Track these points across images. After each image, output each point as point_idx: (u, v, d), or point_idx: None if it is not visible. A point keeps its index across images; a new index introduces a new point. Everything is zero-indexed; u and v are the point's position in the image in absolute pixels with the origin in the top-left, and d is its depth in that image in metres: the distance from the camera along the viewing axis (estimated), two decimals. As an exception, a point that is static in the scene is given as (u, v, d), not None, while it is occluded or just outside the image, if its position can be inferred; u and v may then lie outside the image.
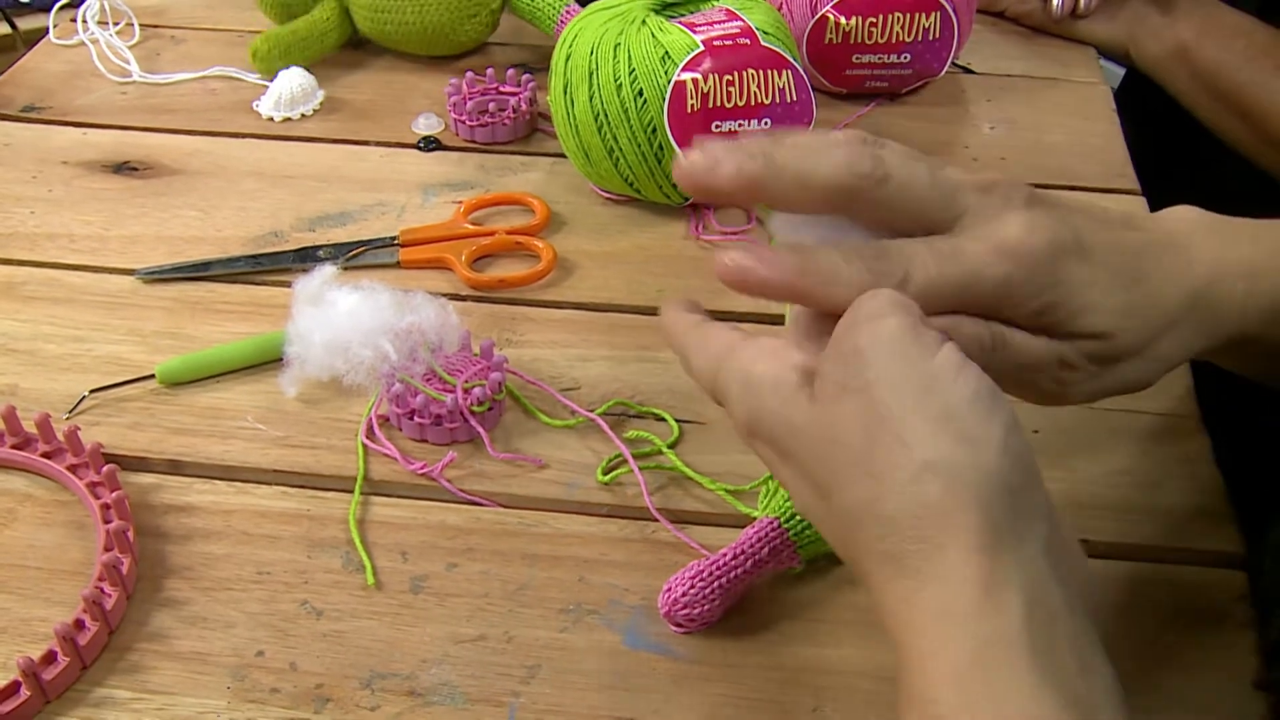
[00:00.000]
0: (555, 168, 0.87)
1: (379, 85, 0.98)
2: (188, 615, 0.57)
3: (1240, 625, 0.57)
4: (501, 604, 0.58)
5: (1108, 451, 0.66)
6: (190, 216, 0.84)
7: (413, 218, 0.83)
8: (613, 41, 0.77)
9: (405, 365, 0.66)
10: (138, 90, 0.98)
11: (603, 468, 0.64)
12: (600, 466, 0.64)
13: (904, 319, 0.41)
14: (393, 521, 0.62)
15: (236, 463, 0.65)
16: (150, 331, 0.74)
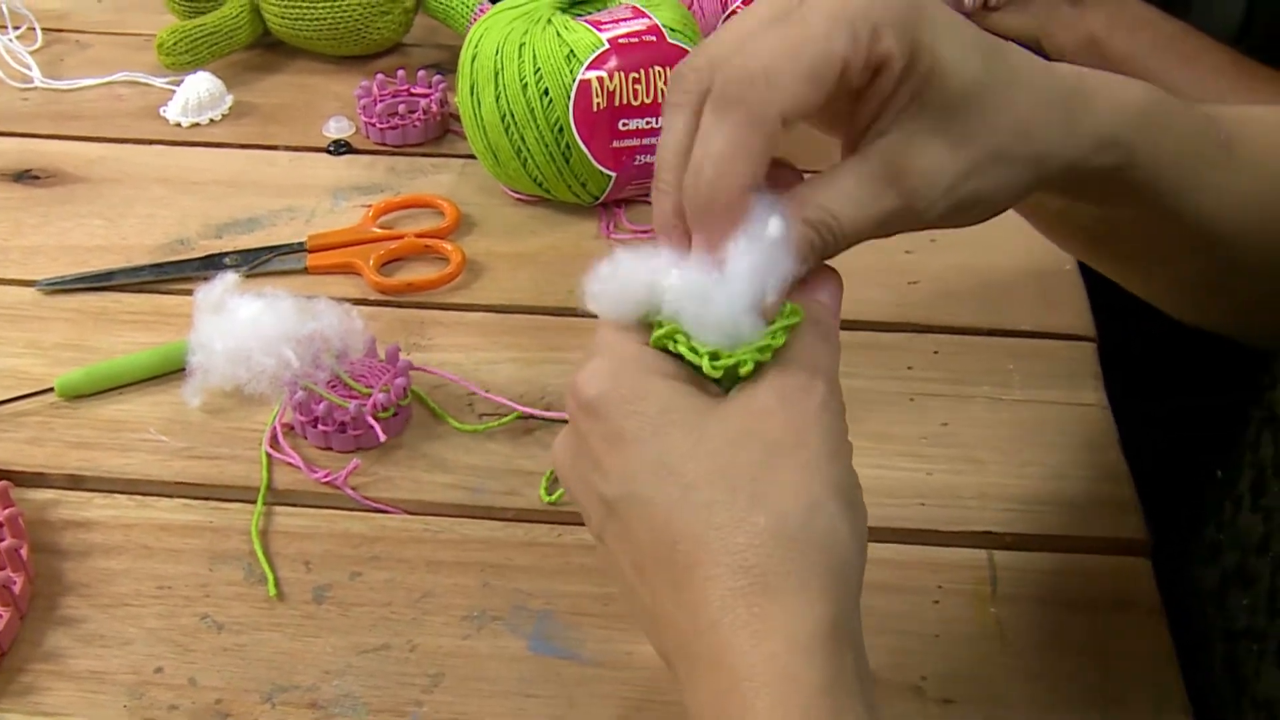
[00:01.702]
0: (466, 169, 0.87)
1: (289, 89, 0.97)
2: (84, 633, 0.56)
3: (1147, 612, 0.58)
4: (405, 612, 0.57)
5: (1015, 442, 0.66)
6: (94, 225, 0.82)
7: (322, 222, 0.82)
8: (518, 41, 0.76)
9: (308, 372, 0.65)
10: (40, 96, 0.96)
11: (545, 486, 0.63)
12: (543, 485, 0.63)
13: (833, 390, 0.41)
14: (296, 531, 0.61)
15: (138, 475, 0.64)
16: (51, 344, 0.72)
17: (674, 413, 0.40)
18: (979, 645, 0.56)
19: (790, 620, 0.37)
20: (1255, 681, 0.50)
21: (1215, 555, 0.56)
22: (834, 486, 0.39)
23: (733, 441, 0.39)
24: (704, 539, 0.38)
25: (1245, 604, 0.52)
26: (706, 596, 0.38)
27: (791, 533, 0.38)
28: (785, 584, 0.37)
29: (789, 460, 0.39)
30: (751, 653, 0.37)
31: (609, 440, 0.40)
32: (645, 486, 0.40)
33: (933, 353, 0.71)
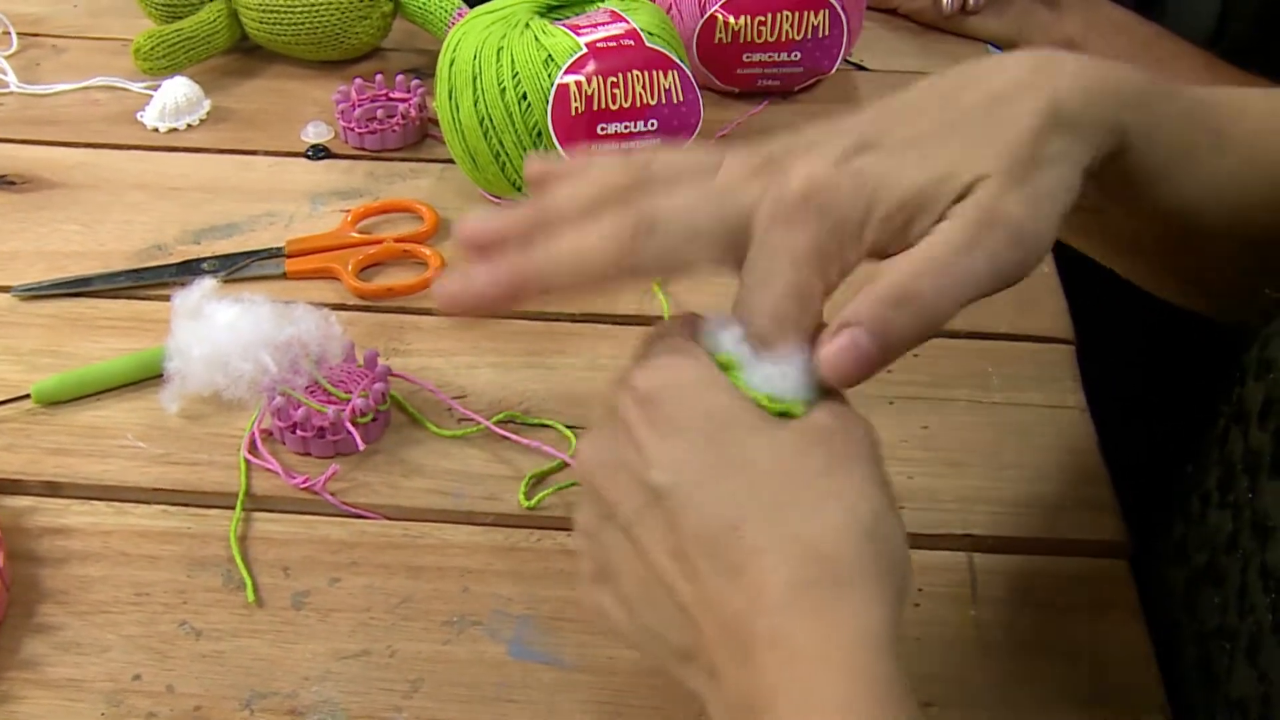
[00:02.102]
0: (445, 174, 0.87)
1: (267, 94, 0.97)
2: (61, 641, 0.56)
3: (1126, 614, 0.58)
4: (384, 618, 0.57)
5: (995, 445, 0.66)
6: (71, 231, 0.82)
7: (301, 227, 0.82)
8: (496, 45, 0.76)
9: (286, 378, 0.65)
10: (16, 101, 0.95)
11: (524, 491, 0.63)
12: (522, 489, 0.63)
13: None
14: (275, 537, 0.61)
15: (115, 482, 0.64)
16: (27, 350, 0.72)
17: (737, 415, 0.40)
18: (958, 648, 0.56)
19: (859, 615, 0.38)
20: (1227, 681, 0.51)
21: (1184, 554, 0.56)
22: (889, 498, 0.40)
23: (797, 449, 0.40)
24: (772, 527, 0.39)
25: (1216, 603, 0.52)
26: (773, 580, 0.38)
27: (863, 530, 0.39)
28: (856, 579, 0.38)
29: (854, 470, 0.40)
30: (824, 640, 0.37)
31: (662, 430, 0.40)
32: (704, 476, 0.40)
33: (913, 356, 0.70)
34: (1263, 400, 0.50)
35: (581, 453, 0.44)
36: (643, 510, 0.41)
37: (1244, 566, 0.50)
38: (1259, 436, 0.50)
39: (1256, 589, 0.49)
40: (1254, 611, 0.49)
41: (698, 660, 0.40)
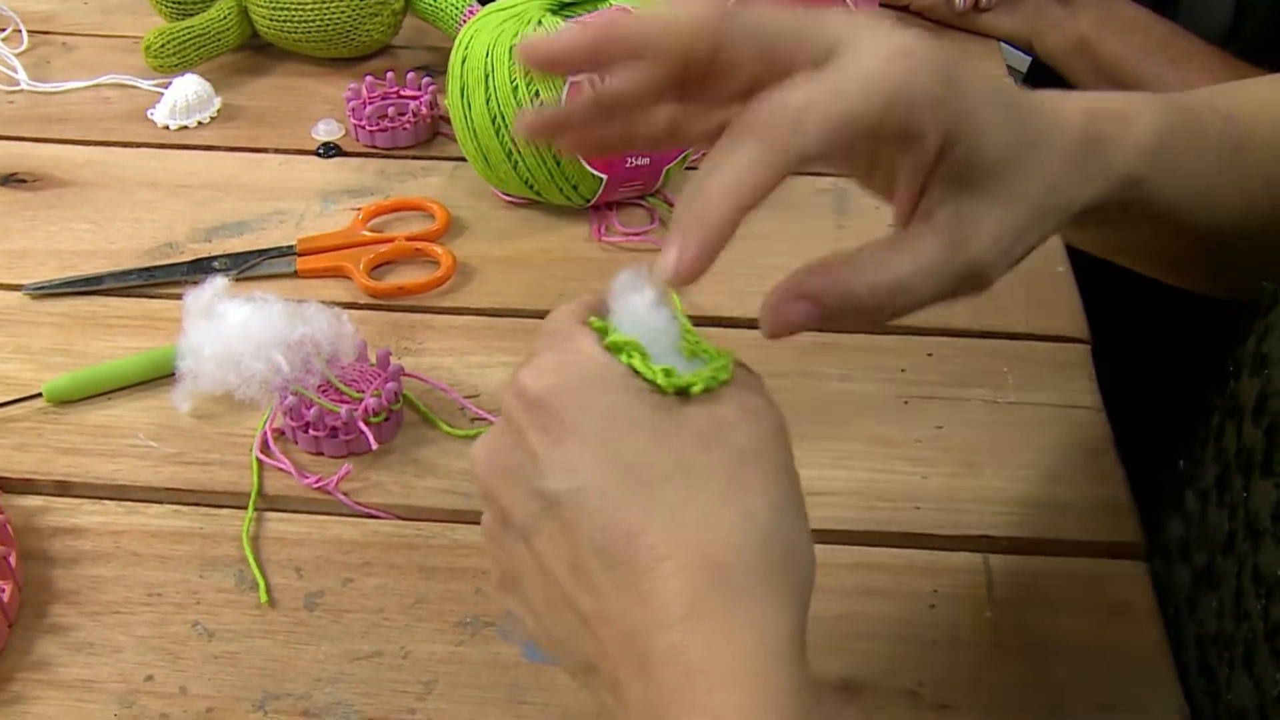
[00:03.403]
0: (456, 172, 0.86)
1: (278, 91, 0.97)
2: (74, 641, 0.56)
3: (1143, 616, 0.57)
4: (397, 618, 0.57)
5: (1011, 446, 0.66)
6: (82, 229, 0.81)
7: (312, 226, 0.81)
8: (508, 43, 0.76)
9: (299, 377, 0.64)
10: (26, 100, 0.95)
11: None
12: None
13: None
14: (287, 537, 0.61)
15: (127, 482, 0.63)
16: (39, 348, 0.72)
17: (630, 410, 0.39)
18: (975, 650, 0.56)
19: (761, 621, 0.37)
20: (1227, 690, 0.50)
21: (1186, 554, 0.56)
22: (794, 494, 0.39)
23: (696, 442, 0.38)
24: (668, 533, 0.37)
25: (1215, 607, 0.51)
26: (669, 592, 0.37)
27: (762, 533, 0.37)
28: (756, 584, 0.37)
29: (754, 466, 0.38)
30: (722, 650, 0.36)
31: (555, 434, 0.39)
32: (598, 480, 0.38)
33: (926, 355, 0.71)
34: (1257, 396, 0.49)
35: (476, 457, 0.42)
36: (538, 519, 0.39)
37: (1239, 569, 0.49)
38: (1252, 433, 0.49)
39: (1250, 594, 0.48)
40: (1248, 618, 0.48)
41: (601, 673, 0.40)
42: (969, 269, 0.43)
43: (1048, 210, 0.45)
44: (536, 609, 0.41)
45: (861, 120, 0.39)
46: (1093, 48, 0.97)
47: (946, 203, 0.43)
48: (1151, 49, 0.94)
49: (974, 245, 0.43)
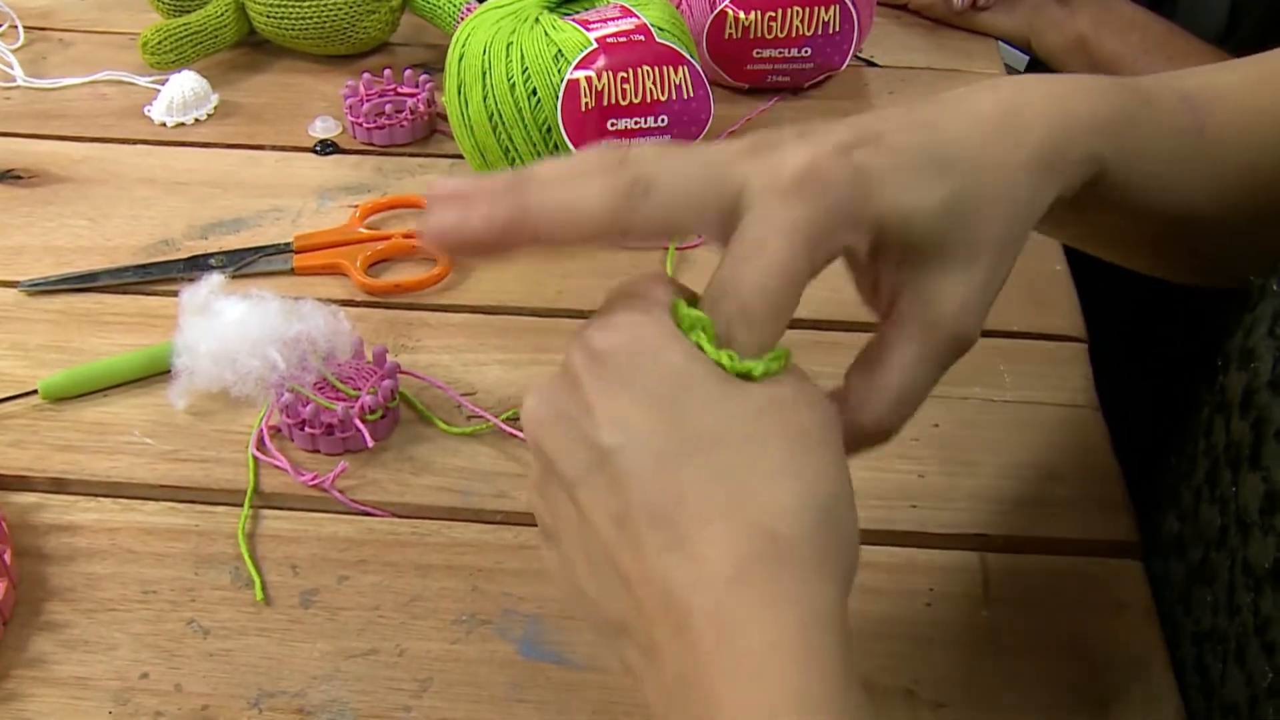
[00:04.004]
0: (454, 169, 0.86)
1: (275, 88, 0.97)
2: (68, 639, 0.56)
3: (1140, 614, 0.57)
4: (393, 616, 0.57)
5: (1008, 444, 0.66)
6: (78, 226, 0.81)
7: (308, 223, 0.81)
8: (505, 40, 0.76)
9: (295, 374, 0.64)
10: (23, 96, 0.95)
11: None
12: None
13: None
14: (283, 535, 0.61)
15: (123, 479, 0.63)
16: (34, 345, 0.72)
17: (695, 378, 0.38)
18: (971, 648, 0.56)
19: (811, 594, 0.36)
20: (1221, 686, 0.50)
21: (1181, 551, 0.56)
22: (849, 489, 0.39)
23: (759, 414, 0.38)
24: (723, 497, 0.37)
25: (1209, 602, 0.51)
26: (720, 555, 0.36)
27: (818, 511, 0.37)
28: (808, 558, 0.36)
29: (815, 448, 0.38)
30: (767, 616, 0.36)
31: (616, 388, 0.38)
32: (654, 438, 0.38)
33: (923, 354, 0.71)
34: (1243, 390, 0.49)
35: (528, 407, 0.41)
36: (588, 471, 0.39)
37: (1231, 564, 0.49)
38: (1240, 427, 0.49)
39: (1242, 588, 0.48)
40: (1240, 612, 0.48)
41: (635, 635, 0.39)
42: (951, 340, 0.44)
43: (1010, 241, 0.45)
44: (575, 564, 0.41)
45: (796, 272, 0.40)
46: (1091, 46, 0.98)
47: (906, 288, 0.43)
48: (1149, 48, 0.94)
49: (946, 318, 0.44)
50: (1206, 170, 0.52)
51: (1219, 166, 0.52)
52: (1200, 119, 0.51)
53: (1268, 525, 0.46)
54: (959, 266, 0.43)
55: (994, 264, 0.44)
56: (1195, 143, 0.51)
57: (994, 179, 0.44)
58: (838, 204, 0.40)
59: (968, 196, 0.43)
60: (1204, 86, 0.53)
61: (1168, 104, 0.51)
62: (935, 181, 0.43)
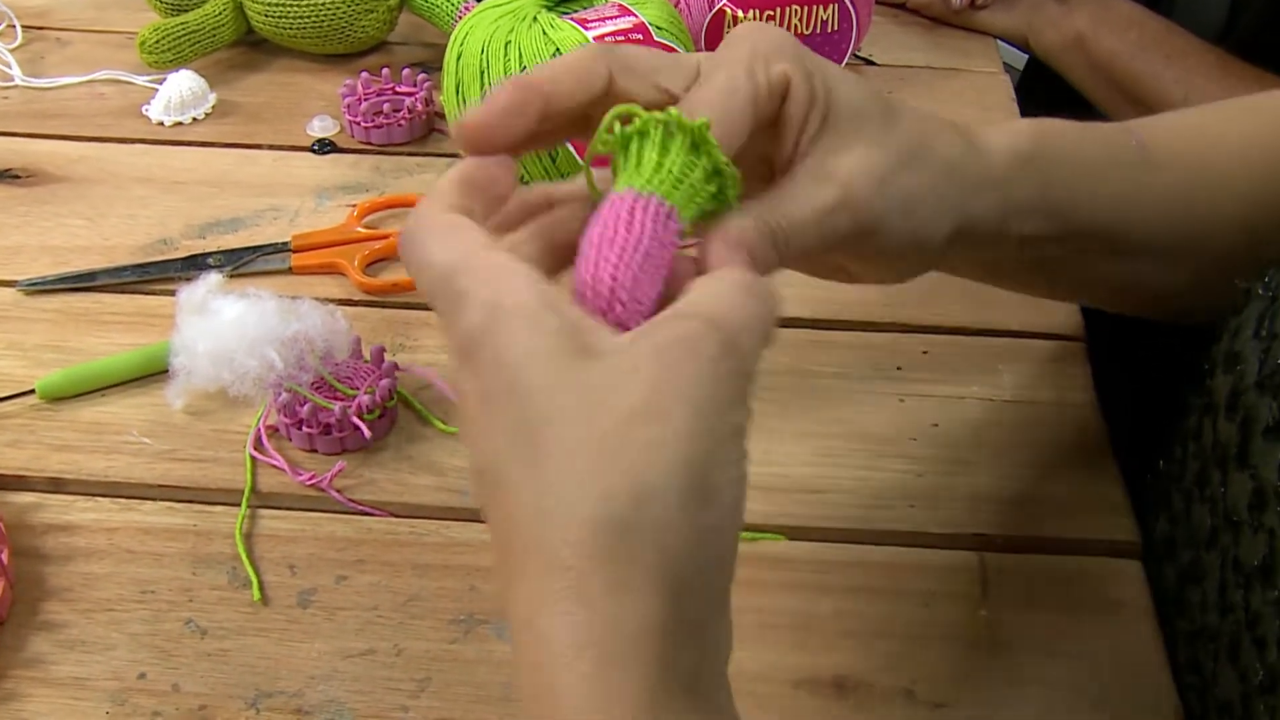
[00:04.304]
0: (452, 168, 0.86)
1: (273, 87, 0.96)
2: (66, 639, 0.56)
3: (1138, 614, 0.57)
4: (391, 616, 0.57)
5: (1007, 443, 0.66)
6: (76, 225, 0.81)
7: (306, 222, 0.81)
8: (503, 39, 0.76)
9: (292, 374, 0.64)
10: (20, 95, 0.95)
11: None
12: None
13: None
14: (281, 534, 0.61)
15: (120, 478, 0.63)
16: (32, 345, 0.71)
17: (536, 364, 0.35)
18: (970, 649, 0.56)
19: (606, 627, 0.33)
20: (1214, 684, 0.50)
21: (1173, 552, 0.56)
22: (684, 469, 0.34)
23: (590, 405, 0.35)
24: (535, 529, 0.34)
25: (1199, 601, 0.51)
26: (527, 594, 0.35)
27: (612, 527, 0.33)
28: (601, 585, 0.33)
29: (639, 434, 0.34)
30: (566, 667, 0.34)
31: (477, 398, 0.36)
32: (502, 458, 0.35)
33: (922, 353, 0.71)
34: (1230, 391, 0.50)
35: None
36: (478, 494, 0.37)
37: (1222, 563, 0.49)
38: (1227, 428, 0.50)
39: (1233, 586, 0.48)
40: (1233, 610, 0.48)
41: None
42: (842, 200, 0.45)
43: (927, 161, 0.48)
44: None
45: (736, 85, 0.43)
46: (1088, 44, 0.97)
47: (814, 151, 0.46)
48: (1146, 45, 0.94)
49: (841, 173, 0.45)
50: (1152, 198, 0.54)
51: (1165, 194, 0.55)
52: (1141, 142, 0.54)
53: (1257, 522, 0.46)
54: (866, 143, 0.46)
55: (897, 160, 0.47)
56: (1144, 175, 0.54)
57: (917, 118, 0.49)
58: (781, 43, 0.45)
59: (893, 110, 0.48)
60: (1152, 125, 0.57)
61: (1109, 134, 0.55)
62: (861, 84, 0.47)
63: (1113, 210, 0.54)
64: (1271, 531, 0.45)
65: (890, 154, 0.46)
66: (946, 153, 0.49)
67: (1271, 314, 0.48)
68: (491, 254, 0.38)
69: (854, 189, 0.46)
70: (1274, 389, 0.46)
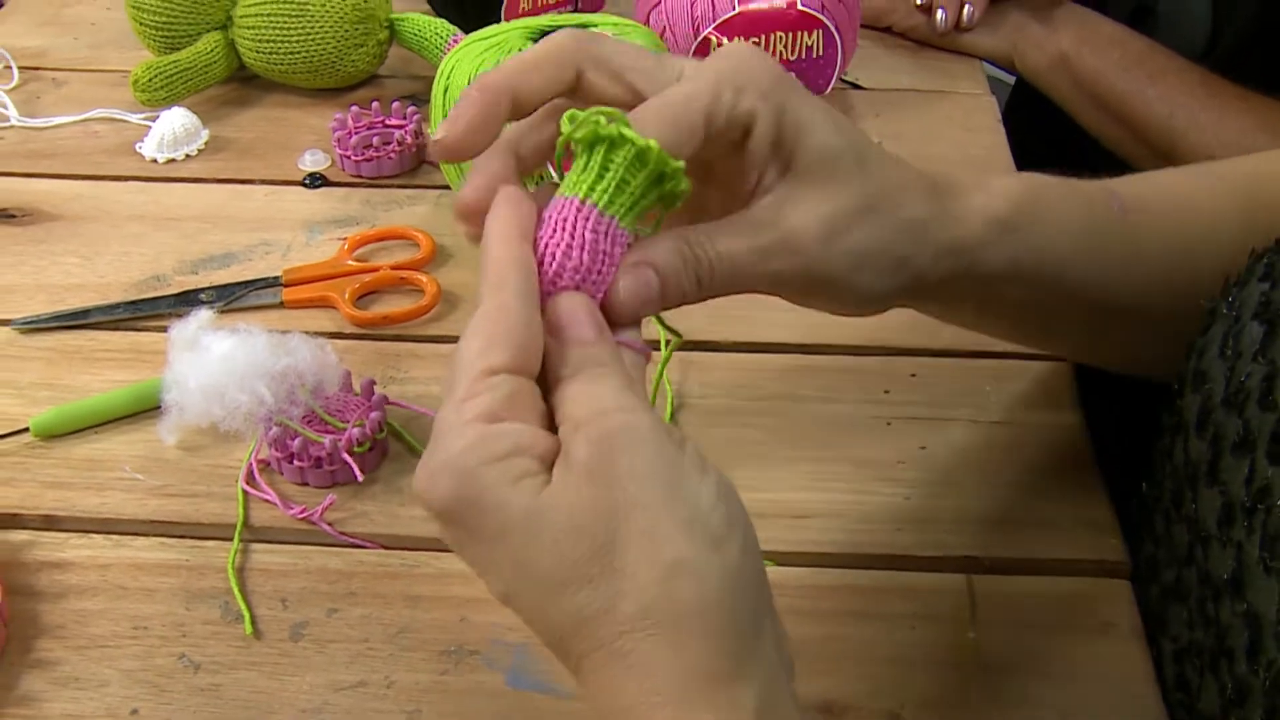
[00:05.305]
0: (441, 199, 0.87)
1: (265, 122, 0.97)
2: (59, 676, 0.56)
3: (1127, 634, 0.57)
4: (382, 648, 0.57)
5: (994, 465, 0.66)
6: (70, 263, 0.82)
7: (298, 256, 0.82)
8: (489, 72, 0.76)
9: (283, 408, 0.65)
10: (17, 135, 0.96)
11: None
12: None
13: (655, 419, 0.40)
14: (273, 568, 0.61)
15: (113, 515, 0.64)
16: (27, 383, 0.72)
17: (506, 510, 0.38)
18: (958, 671, 0.56)
19: (672, 692, 0.37)
20: (1198, 700, 0.50)
21: (1155, 571, 0.56)
22: (685, 534, 0.38)
23: (571, 532, 0.38)
24: (580, 632, 0.38)
25: (1184, 618, 0.52)
26: (599, 686, 0.38)
27: (658, 608, 0.37)
28: (660, 655, 0.37)
29: (628, 531, 0.38)
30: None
31: (472, 542, 0.40)
32: (514, 589, 0.40)
33: (910, 376, 0.71)
34: (1199, 410, 0.50)
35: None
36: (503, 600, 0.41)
37: (1200, 580, 0.50)
38: (1197, 446, 0.50)
39: (1209, 600, 0.49)
40: (1211, 624, 0.49)
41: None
42: (781, 245, 0.46)
43: (885, 217, 0.48)
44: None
45: (693, 110, 0.43)
46: (1072, 64, 0.98)
47: (772, 188, 0.46)
48: (1130, 64, 0.95)
49: (788, 219, 0.46)
50: (1126, 254, 0.55)
51: (1140, 250, 0.56)
52: (1123, 204, 0.55)
53: (1226, 536, 0.47)
54: (821, 192, 0.46)
55: (848, 215, 0.47)
56: (1119, 239, 0.55)
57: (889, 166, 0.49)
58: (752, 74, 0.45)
59: (863, 155, 0.47)
60: (1134, 184, 0.57)
61: (1091, 197, 0.55)
62: (841, 126, 0.47)
63: (1086, 275, 0.54)
64: (1240, 545, 0.46)
65: (846, 207, 0.47)
66: (912, 212, 0.49)
67: (1235, 332, 0.49)
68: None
69: (797, 237, 0.46)
70: (1240, 406, 0.47)
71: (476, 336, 0.40)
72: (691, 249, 0.44)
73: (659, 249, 0.44)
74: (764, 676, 0.39)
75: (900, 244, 0.48)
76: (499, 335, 0.40)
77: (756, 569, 0.40)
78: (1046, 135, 1.02)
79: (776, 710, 0.39)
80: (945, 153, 0.93)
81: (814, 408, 0.70)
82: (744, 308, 0.75)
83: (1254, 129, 0.88)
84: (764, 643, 0.39)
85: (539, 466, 0.39)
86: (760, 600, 0.40)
